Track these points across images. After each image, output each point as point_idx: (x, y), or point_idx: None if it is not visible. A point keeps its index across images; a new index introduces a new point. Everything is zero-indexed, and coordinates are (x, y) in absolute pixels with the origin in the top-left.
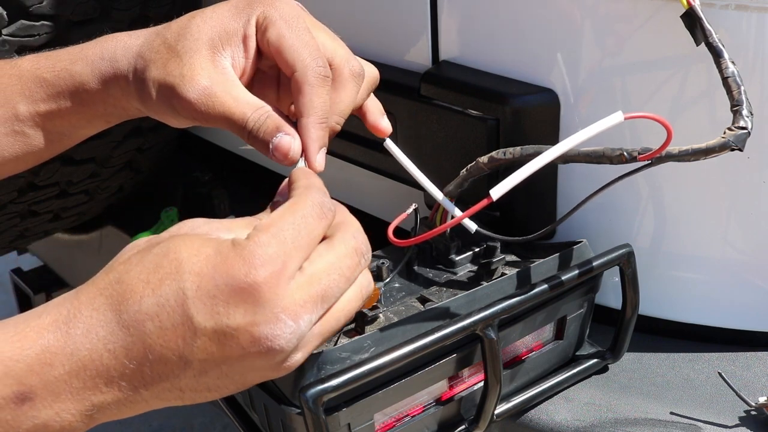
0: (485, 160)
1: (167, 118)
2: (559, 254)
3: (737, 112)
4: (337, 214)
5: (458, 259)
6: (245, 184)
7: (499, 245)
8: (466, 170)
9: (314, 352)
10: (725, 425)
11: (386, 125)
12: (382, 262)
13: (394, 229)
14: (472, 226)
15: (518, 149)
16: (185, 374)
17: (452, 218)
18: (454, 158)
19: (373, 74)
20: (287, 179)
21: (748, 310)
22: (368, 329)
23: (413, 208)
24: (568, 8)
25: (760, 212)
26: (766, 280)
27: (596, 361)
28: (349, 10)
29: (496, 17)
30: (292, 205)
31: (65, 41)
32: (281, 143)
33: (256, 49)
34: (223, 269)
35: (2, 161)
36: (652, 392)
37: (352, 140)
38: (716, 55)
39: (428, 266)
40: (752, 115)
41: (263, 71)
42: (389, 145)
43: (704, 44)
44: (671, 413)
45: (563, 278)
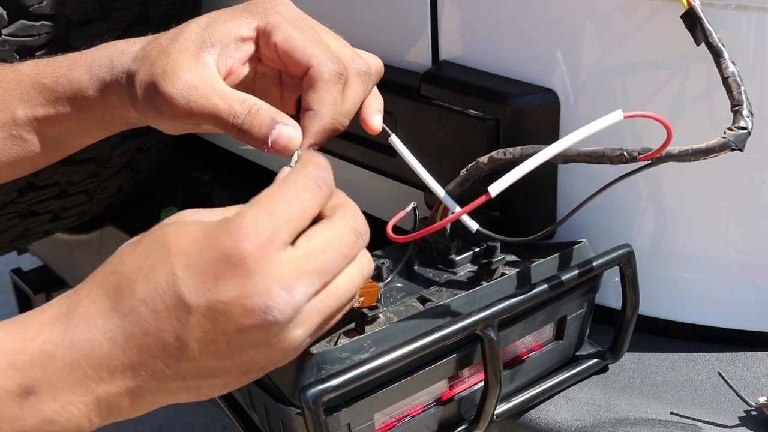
0: (485, 160)
1: (155, 120)
2: (559, 254)
3: (737, 112)
4: (335, 196)
5: (458, 259)
6: (245, 184)
7: (499, 245)
8: (466, 170)
9: (314, 352)
10: (725, 425)
11: (376, 123)
12: (382, 262)
13: (393, 228)
14: (473, 225)
15: (518, 149)
16: (185, 356)
17: (452, 215)
18: (454, 158)
19: (377, 66)
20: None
21: (748, 310)
22: (368, 329)
23: (412, 206)
24: (568, 8)
25: (760, 212)
26: (766, 280)
27: (596, 361)
28: (349, 10)
29: (496, 17)
30: (284, 179)
31: (65, 41)
32: (281, 135)
33: (253, 53)
34: (210, 245)
35: (0, 165)
36: (652, 392)
37: (352, 140)
38: (716, 55)
39: (428, 266)
40: (752, 115)
41: (264, 74)
42: (394, 140)
43: (704, 44)
44: (671, 413)
45: (563, 278)
